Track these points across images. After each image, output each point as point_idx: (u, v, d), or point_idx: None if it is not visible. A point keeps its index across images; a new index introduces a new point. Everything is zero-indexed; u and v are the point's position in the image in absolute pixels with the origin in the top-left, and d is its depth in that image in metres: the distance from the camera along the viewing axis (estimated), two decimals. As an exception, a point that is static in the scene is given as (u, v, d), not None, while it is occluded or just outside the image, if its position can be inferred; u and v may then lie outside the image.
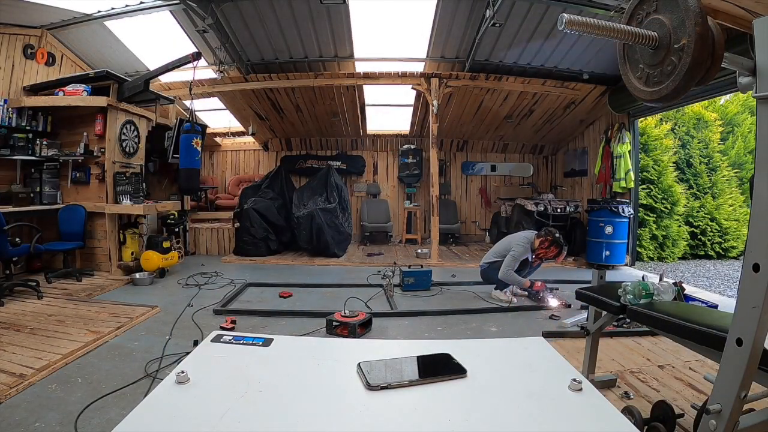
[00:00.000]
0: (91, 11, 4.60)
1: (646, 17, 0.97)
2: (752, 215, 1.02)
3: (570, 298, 3.61)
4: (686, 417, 1.78)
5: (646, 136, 6.62)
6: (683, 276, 5.57)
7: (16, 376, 2.21)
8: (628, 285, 1.75)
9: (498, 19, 4.37)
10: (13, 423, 1.84)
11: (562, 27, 0.88)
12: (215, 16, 4.65)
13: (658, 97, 0.95)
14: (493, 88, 5.97)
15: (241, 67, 5.75)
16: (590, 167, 6.75)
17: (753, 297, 1.00)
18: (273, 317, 3.37)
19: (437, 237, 6.04)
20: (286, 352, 0.66)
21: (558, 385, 0.55)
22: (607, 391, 2.16)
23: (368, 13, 4.89)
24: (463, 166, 8.16)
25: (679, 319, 1.46)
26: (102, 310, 3.41)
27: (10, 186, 4.42)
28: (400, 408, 0.50)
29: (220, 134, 8.02)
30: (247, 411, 0.48)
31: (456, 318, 3.44)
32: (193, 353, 0.63)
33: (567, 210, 6.09)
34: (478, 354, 0.66)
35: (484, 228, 8.08)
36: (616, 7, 4.01)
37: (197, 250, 6.42)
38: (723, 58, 0.93)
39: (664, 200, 6.64)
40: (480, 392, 0.55)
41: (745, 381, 1.03)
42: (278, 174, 7.09)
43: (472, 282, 4.51)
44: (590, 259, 5.69)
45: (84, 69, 5.29)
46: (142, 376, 2.32)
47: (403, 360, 0.61)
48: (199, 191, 6.92)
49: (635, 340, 2.86)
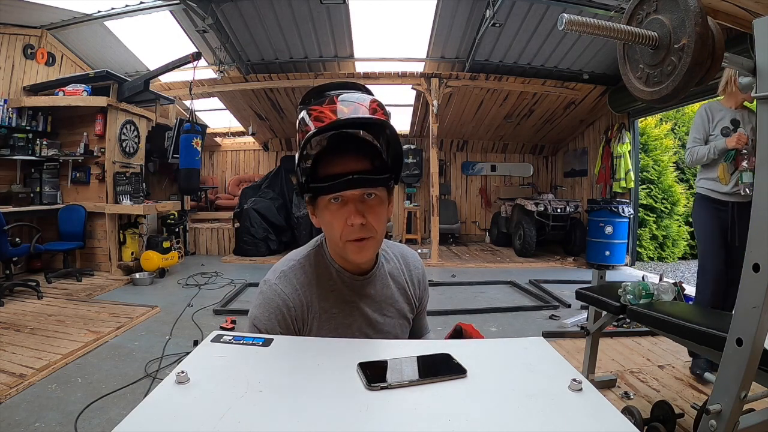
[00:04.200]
0: (91, 11, 4.60)
1: (646, 17, 0.97)
2: (752, 215, 1.02)
3: (570, 298, 3.60)
4: (686, 417, 1.78)
5: (646, 136, 6.62)
6: (683, 276, 5.56)
7: (16, 376, 2.21)
8: (628, 285, 1.75)
9: (498, 19, 4.37)
10: (13, 423, 1.84)
11: (562, 27, 0.88)
12: (215, 16, 4.65)
13: (658, 97, 0.95)
14: (493, 88, 5.97)
15: (241, 67, 5.75)
16: (590, 167, 6.75)
17: (753, 297, 1.00)
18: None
19: (437, 237, 6.04)
20: (286, 352, 0.66)
21: (558, 385, 0.55)
22: (607, 391, 2.16)
23: (368, 13, 4.89)
24: (463, 166, 8.16)
25: (679, 319, 1.46)
26: (102, 310, 3.41)
27: (10, 186, 4.42)
28: (400, 408, 0.50)
29: (220, 134, 8.02)
30: (247, 411, 0.48)
31: (456, 318, 3.44)
32: (193, 353, 0.63)
33: (567, 210, 6.08)
34: (478, 354, 0.66)
35: (484, 228, 8.08)
36: (616, 7, 4.02)
37: (197, 250, 6.42)
38: (723, 58, 0.93)
39: (664, 200, 6.64)
40: (480, 392, 0.55)
41: (745, 381, 1.03)
42: (278, 174, 7.09)
43: (473, 282, 4.51)
44: (590, 259, 5.69)
45: (84, 69, 5.29)
46: (142, 376, 2.32)
47: (403, 360, 0.61)
48: (199, 191, 6.92)
49: (635, 340, 2.86)
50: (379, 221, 0.81)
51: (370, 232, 0.80)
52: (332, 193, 0.78)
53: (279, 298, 0.83)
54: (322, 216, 0.82)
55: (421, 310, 1.02)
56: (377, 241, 0.83)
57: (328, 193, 0.78)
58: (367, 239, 0.80)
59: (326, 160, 0.80)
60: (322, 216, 0.82)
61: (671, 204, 6.66)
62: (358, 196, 0.79)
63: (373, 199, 0.80)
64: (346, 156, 0.79)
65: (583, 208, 6.27)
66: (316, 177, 0.80)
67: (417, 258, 1.02)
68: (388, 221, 0.86)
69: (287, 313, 0.83)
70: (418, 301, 0.99)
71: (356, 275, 0.88)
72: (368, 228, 0.79)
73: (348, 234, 0.79)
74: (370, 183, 0.79)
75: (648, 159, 6.62)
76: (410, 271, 0.98)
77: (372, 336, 0.89)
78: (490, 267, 5.70)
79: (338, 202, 0.79)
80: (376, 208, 0.80)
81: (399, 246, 1.02)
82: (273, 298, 0.83)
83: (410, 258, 1.00)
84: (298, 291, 0.85)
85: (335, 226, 0.80)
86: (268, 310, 0.82)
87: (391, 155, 0.83)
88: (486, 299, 4.08)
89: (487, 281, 4.74)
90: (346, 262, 0.87)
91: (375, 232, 0.81)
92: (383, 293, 0.91)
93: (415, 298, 0.98)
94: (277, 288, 0.84)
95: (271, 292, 0.84)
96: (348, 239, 0.80)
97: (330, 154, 0.80)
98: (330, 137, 0.81)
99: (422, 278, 1.00)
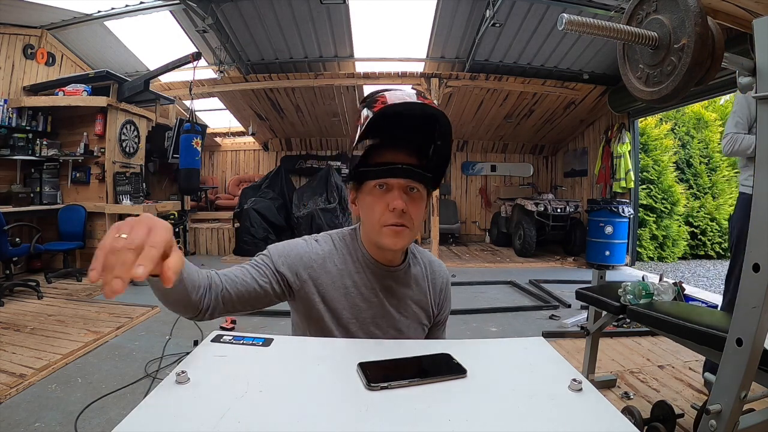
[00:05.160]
0: (91, 11, 4.60)
1: (646, 17, 0.97)
2: (752, 215, 1.02)
3: (570, 298, 3.60)
4: (686, 417, 1.78)
5: (646, 136, 6.62)
6: (683, 276, 5.57)
7: (16, 376, 2.21)
8: (628, 285, 1.75)
9: (498, 19, 4.37)
10: (13, 423, 1.84)
11: (562, 27, 0.88)
12: (215, 16, 4.65)
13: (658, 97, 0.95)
14: (493, 88, 5.97)
15: (241, 67, 5.75)
16: (590, 167, 6.75)
17: (753, 297, 0.99)
18: (273, 317, 3.37)
19: (437, 237, 6.04)
20: (286, 352, 0.66)
21: (558, 385, 0.55)
22: (607, 391, 2.16)
23: (368, 13, 4.89)
24: (463, 166, 8.16)
25: (679, 319, 1.46)
26: (102, 310, 3.41)
27: (10, 186, 4.42)
28: (400, 408, 0.50)
29: (220, 134, 8.02)
30: (247, 411, 0.48)
31: (456, 318, 3.44)
32: (193, 353, 0.63)
33: (567, 210, 6.09)
34: (478, 354, 0.66)
35: (484, 228, 8.08)
36: (616, 7, 4.02)
37: (197, 250, 6.42)
38: (723, 58, 0.93)
39: (664, 200, 6.63)
40: (480, 392, 0.55)
41: (745, 381, 1.03)
42: (278, 174, 7.09)
43: (473, 282, 4.51)
44: (590, 259, 5.69)
45: (84, 69, 5.29)
46: (142, 376, 2.32)
47: (403, 360, 0.61)
48: (199, 191, 6.92)
49: (635, 340, 2.86)
50: (418, 214, 0.84)
51: (408, 222, 0.82)
52: (380, 178, 0.82)
53: (305, 244, 0.89)
54: (364, 200, 0.85)
55: (440, 322, 1.01)
56: (412, 234, 0.85)
57: (376, 178, 0.83)
58: (404, 227, 0.82)
59: (378, 152, 0.85)
60: (363, 200, 0.86)
61: (671, 204, 6.66)
62: (403, 185, 0.82)
63: (415, 193, 0.84)
64: (397, 149, 0.84)
65: (583, 208, 6.27)
66: (366, 165, 0.85)
67: (444, 268, 1.03)
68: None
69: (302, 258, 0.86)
70: (437, 310, 0.98)
71: (382, 264, 0.89)
72: (407, 217, 0.82)
73: (387, 219, 0.82)
74: (416, 176, 0.83)
75: (648, 159, 6.62)
76: (434, 279, 0.98)
77: (384, 329, 0.89)
78: (490, 267, 5.70)
79: (383, 189, 0.83)
80: (417, 202, 0.84)
81: (428, 254, 1.03)
82: (299, 242, 0.89)
83: (437, 266, 1.01)
84: (324, 256, 0.88)
85: (376, 210, 0.83)
86: (287, 246, 0.88)
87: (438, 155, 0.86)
88: (486, 299, 4.08)
89: (487, 281, 4.74)
90: (376, 251, 0.89)
91: (412, 223, 0.83)
92: (404, 292, 0.92)
93: (434, 306, 0.97)
94: (308, 240, 0.90)
95: (300, 240, 0.90)
96: (386, 224, 0.82)
97: (382, 147, 0.86)
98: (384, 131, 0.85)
99: (446, 288, 1.01)
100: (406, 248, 0.92)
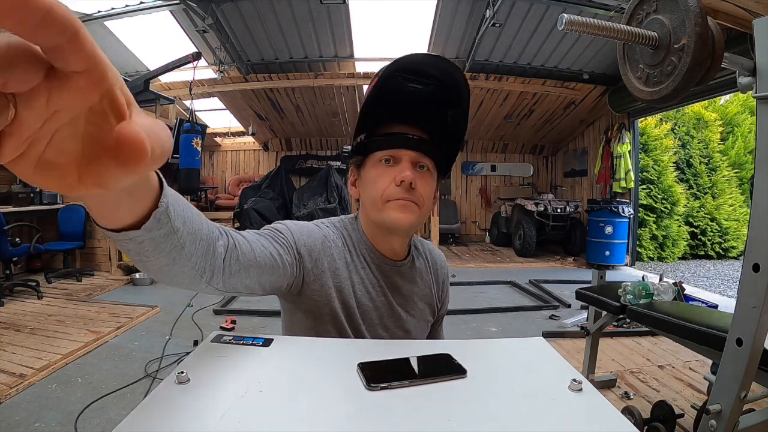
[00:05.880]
0: (91, 11, 4.60)
1: (646, 17, 0.97)
2: (752, 215, 1.02)
3: (570, 298, 3.60)
4: (686, 417, 1.78)
5: (646, 136, 6.63)
6: (683, 276, 5.56)
7: (16, 376, 2.21)
8: (628, 285, 1.75)
9: (498, 19, 4.38)
10: (13, 423, 1.84)
11: (562, 27, 0.88)
12: (215, 16, 4.65)
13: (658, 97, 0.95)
14: (493, 88, 5.97)
15: (241, 67, 5.75)
16: (590, 167, 6.75)
17: (753, 297, 1.00)
18: (273, 317, 3.37)
19: (437, 237, 6.04)
20: (286, 352, 0.66)
21: (558, 385, 0.55)
22: (607, 391, 2.17)
23: (368, 13, 4.89)
24: (463, 166, 8.16)
25: (679, 319, 1.46)
26: (102, 310, 3.41)
27: (10, 186, 4.42)
28: (400, 408, 0.50)
29: (220, 134, 8.01)
30: (247, 411, 0.48)
31: (456, 318, 3.44)
32: (193, 353, 0.63)
33: (567, 210, 6.09)
34: (478, 354, 0.66)
35: (484, 228, 8.09)
36: (616, 7, 4.02)
37: (197, 250, 6.41)
38: (723, 58, 0.93)
39: (664, 200, 6.64)
40: (480, 392, 0.55)
41: (745, 381, 1.03)
42: (278, 174, 7.09)
43: (473, 282, 4.51)
44: (590, 259, 5.69)
45: (84, 69, 5.28)
46: (142, 376, 2.32)
47: (403, 360, 0.61)
48: (199, 191, 6.91)
49: (635, 340, 2.86)
50: (427, 191, 0.75)
51: (417, 198, 0.73)
52: (387, 148, 0.74)
53: (318, 229, 0.78)
54: (367, 175, 0.76)
55: (440, 318, 0.95)
56: (421, 215, 0.75)
57: (382, 149, 0.74)
58: (412, 203, 0.73)
59: (386, 125, 0.76)
60: (366, 175, 0.76)
61: (671, 204, 6.66)
62: (414, 158, 0.74)
63: (425, 171, 0.76)
64: (407, 122, 0.76)
65: (583, 208, 6.27)
66: (372, 136, 0.76)
67: (443, 258, 0.96)
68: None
69: (324, 244, 0.75)
70: (440, 303, 0.92)
71: (387, 258, 0.80)
72: (416, 194, 0.73)
73: (393, 193, 0.73)
74: (428, 149, 0.75)
75: (648, 159, 6.62)
76: (436, 270, 0.91)
77: (392, 330, 0.81)
78: (490, 267, 5.70)
79: (389, 164, 0.74)
80: (427, 178, 0.76)
81: (427, 242, 0.95)
82: (311, 225, 0.78)
83: (437, 256, 0.94)
84: (339, 245, 0.78)
85: (380, 184, 0.73)
86: (304, 226, 0.77)
87: (455, 124, 0.79)
88: (486, 299, 4.08)
89: (487, 281, 4.74)
90: (380, 239, 0.79)
91: (422, 201, 0.74)
92: (410, 288, 0.84)
93: (438, 300, 0.91)
94: (319, 225, 0.79)
95: (310, 223, 0.79)
96: (391, 198, 0.73)
97: (391, 119, 0.76)
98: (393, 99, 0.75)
99: (446, 279, 0.94)
100: (409, 241, 0.84)
